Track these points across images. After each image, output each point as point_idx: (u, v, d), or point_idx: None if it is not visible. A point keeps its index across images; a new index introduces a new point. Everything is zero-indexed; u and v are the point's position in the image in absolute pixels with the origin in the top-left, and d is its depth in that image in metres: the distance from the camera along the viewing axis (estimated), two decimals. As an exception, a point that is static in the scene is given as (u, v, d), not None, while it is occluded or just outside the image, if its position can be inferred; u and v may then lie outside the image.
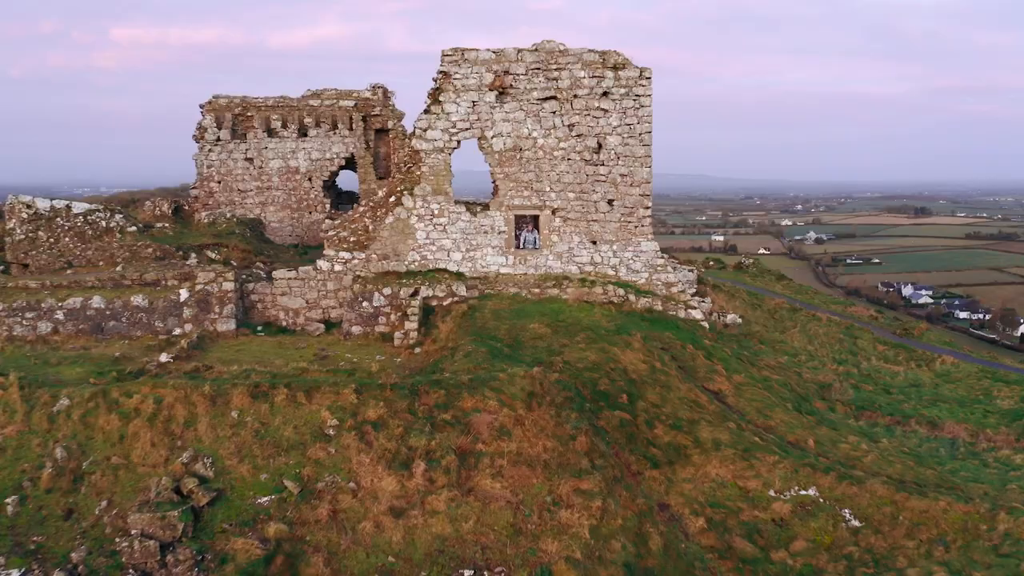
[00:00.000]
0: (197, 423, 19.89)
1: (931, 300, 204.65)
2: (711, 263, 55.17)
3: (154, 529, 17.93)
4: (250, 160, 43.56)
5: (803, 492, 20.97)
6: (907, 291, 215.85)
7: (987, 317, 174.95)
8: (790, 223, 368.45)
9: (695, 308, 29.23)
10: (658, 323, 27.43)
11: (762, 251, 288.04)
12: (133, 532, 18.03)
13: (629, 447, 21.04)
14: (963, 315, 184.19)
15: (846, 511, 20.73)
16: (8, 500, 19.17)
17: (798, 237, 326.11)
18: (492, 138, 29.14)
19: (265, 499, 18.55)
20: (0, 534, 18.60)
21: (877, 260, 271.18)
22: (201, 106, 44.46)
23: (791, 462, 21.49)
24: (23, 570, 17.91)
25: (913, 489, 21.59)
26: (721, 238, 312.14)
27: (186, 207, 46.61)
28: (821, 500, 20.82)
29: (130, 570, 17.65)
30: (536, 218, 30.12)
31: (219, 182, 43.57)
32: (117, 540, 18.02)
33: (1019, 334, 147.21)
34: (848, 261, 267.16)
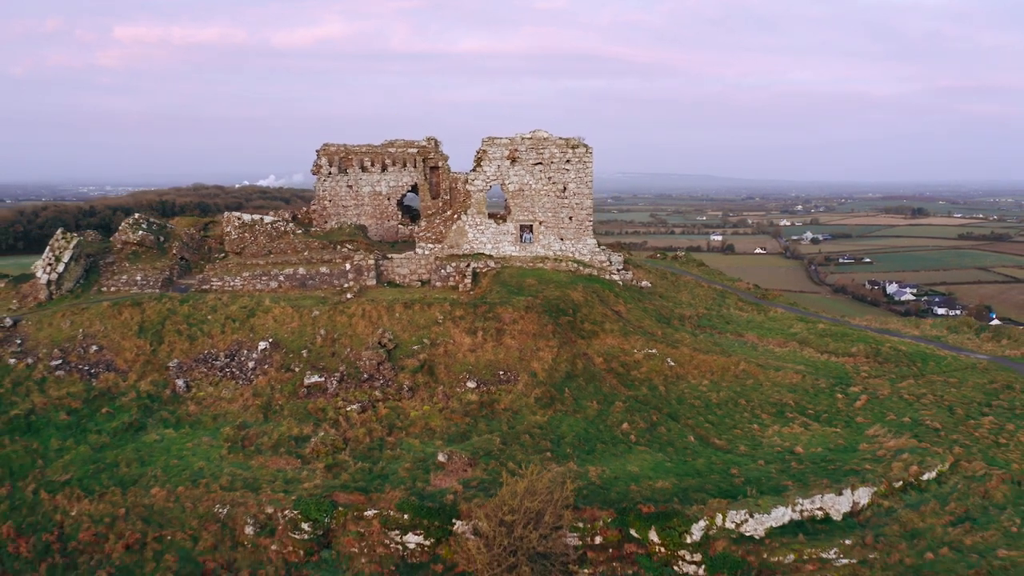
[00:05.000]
0: (383, 318, 48.68)
1: (913, 297, 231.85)
2: (657, 255, 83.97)
3: (374, 356, 46.62)
4: (350, 187, 72.31)
5: (650, 351, 49.57)
6: (891, 288, 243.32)
7: (963, 313, 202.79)
8: (788, 223, 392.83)
9: (616, 275, 57.98)
10: (593, 281, 56.31)
11: (758, 251, 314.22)
12: (365, 358, 46.71)
13: (571, 330, 49.78)
14: (941, 311, 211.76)
15: (669, 359, 49.33)
16: (303, 350, 47.84)
17: (795, 237, 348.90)
18: (508, 184, 57.94)
19: (416, 347, 47.24)
20: (307, 365, 47.19)
21: (868, 259, 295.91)
22: (317, 151, 73.16)
23: (646, 339, 50.19)
24: (318, 375, 46.49)
25: (702, 351, 50.21)
26: (719, 238, 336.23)
27: (299, 216, 75.43)
28: (657, 354, 49.43)
29: (364, 373, 46.27)
30: (531, 226, 58.81)
31: (330, 201, 72.27)
32: (357, 363, 46.64)
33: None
34: (840, 260, 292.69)
